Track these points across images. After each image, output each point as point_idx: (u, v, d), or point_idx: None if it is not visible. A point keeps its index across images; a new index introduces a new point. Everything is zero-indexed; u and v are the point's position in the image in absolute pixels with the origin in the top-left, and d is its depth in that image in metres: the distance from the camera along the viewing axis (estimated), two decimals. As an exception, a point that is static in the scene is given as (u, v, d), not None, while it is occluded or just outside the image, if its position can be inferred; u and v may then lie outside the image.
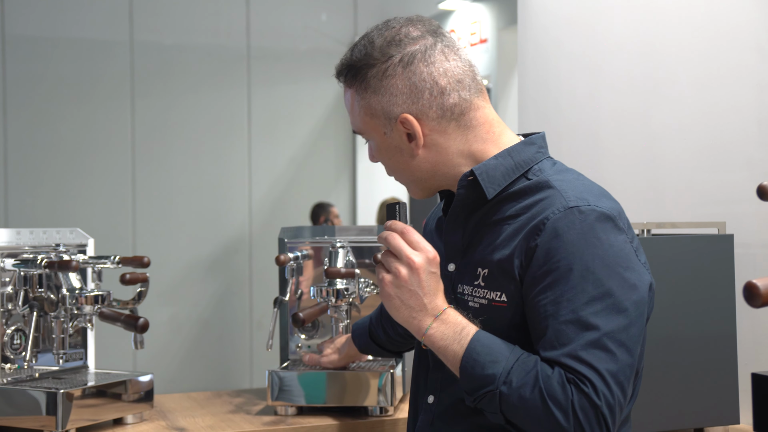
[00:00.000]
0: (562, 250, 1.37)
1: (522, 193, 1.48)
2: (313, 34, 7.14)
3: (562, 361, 1.33)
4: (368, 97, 1.53)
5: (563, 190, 1.43)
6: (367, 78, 1.52)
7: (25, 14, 6.28)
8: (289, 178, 7.02)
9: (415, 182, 1.57)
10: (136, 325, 2.00)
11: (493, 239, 1.47)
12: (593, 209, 1.39)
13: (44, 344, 2.15)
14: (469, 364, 1.37)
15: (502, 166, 1.50)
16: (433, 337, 1.41)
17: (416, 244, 1.42)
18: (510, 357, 1.36)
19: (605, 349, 1.32)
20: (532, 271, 1.39)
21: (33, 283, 2.07)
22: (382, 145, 1.55)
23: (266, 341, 2.23)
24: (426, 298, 1.41)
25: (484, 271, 1.47)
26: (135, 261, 2.11)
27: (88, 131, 6.40)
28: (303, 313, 2.14)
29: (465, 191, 1.52)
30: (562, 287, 1.35)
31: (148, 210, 6.53)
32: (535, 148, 1.54)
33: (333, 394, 2.19)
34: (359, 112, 1.55)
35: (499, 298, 1.44)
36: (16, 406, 1.99)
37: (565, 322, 1.34)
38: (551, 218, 1.39)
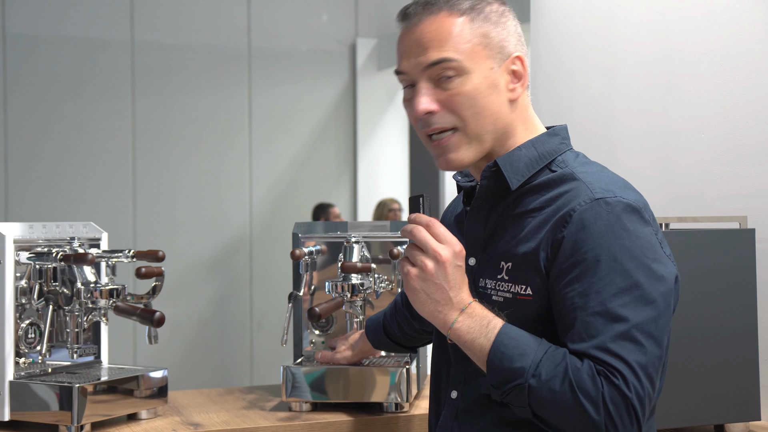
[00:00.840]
0: (589, 241, 1.36)
1: (546, 186, 1.47)
2: (314, 35, 7.13)
3: (591, 353, 1.32)
4: (487, 27, 1.48)
5: (589, 182, 1.42)
6: (485, 11, 1.48)
7: (26, 13, 6.25)
8: (289, 178, 7.00)
9: (485, 136, 1.48)
10: (152, 319, 1.98)
11: (516, 232, 1.46)
12: (620, 201, 1.38)
13: (58, 338, 2.13)
14: (497, 358, 1.36)
15: (525, 157, 1.49)
16: (459, 330, 1.40)
17: (442, 237, 1.40)
18: (538, 350, 1.35)
19: (634, 341, 1.32)
20: (559, 263, 1.39)
21: (48, 276, 2.05)
22: (482, 80, 1.46)
23: (281, 336, 2.21)
24: (452, 292, 1.40)
25: (507, 264, 1.46)
26: (150, 255, 2.10)
27: (88, 130, 6.38)
28: (319, 308, 2.13)
29: (488, 182, 1.50)
30: (590, 279, 1.35)
31: (148, 209, 6.50)
32: (559, 139, 1.53)
33: (348, 391, 2.17)
34: (469, 40, 1.46)
35: (524, 291, 1.44)
36: (31, 400, 1.97)
37: (593, 314, 1.33)
38: (578, 210, 1.38)
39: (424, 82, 1.47)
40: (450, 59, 1.45)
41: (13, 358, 2.01)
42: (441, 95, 1.47)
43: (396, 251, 2.23)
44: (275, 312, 6.77)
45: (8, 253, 2.00)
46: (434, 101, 1.47)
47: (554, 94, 2.71)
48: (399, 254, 2.23)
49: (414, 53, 1.48)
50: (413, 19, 1.49)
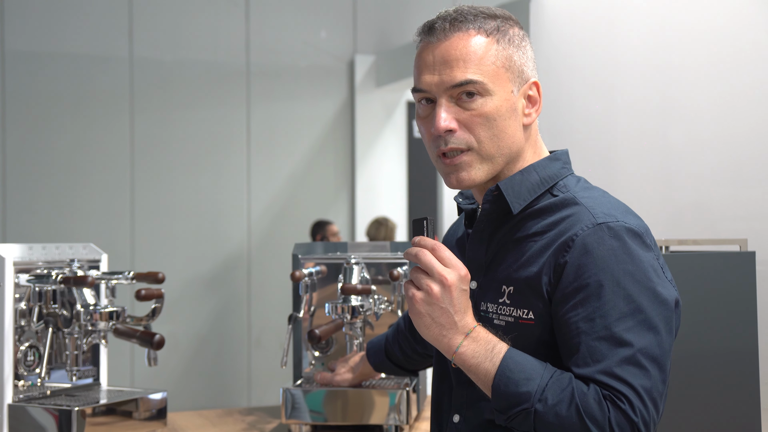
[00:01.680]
0: (592, 266, 1.36)
1: (547, 210, 1.47)
2: (313, 51, 7.14)
3: (597, 378, 1.32)
4: (511, 51, 1.48)
5: (590, 207, 1.43)
6: (509, 33, 1.48)
7: (25, 29, 6.26)
8: (287, 195, 7.00)
9: (498, 159, 1.48)
10: (152, 341, 1.97)
11: (518, 256, 1.46)
12: (622, 225, 1.39)
13: (57, 360, 2.12)
14: (503, 382, 1.36)
15: (527, 181, 1.49)
16: (464, 355, 1.39)
17: (448, 261, 1.40)
18: (544, 374, 1.35)
19: (639, 366, 1.33)
20: (562, 287, 1.39)
21: (47, 298, 2.05)
22: (503, 102, 1.46)
23: (280, 358, 2.20)
24: (457, 316, 1.39)
25: (509, 288, 1.46)
26: (150, 277, 2.09)
27: (87, 147, 6.38)
28: (319, 330, 2.12)
29: (490, 205, 1.50)
30: (594, 303, 1.35)
31: (146, 226, 6.50)
32: (560, 164, 1.53)
33: (348, 412, 2.17)
34: (494, 61, 1.46)
35: (526, 315, 1.43)
36: (30, 423, 1.96)
37: (598, 338, 1.34)
38: (580, 234, 1.39)
39: (446, 100, 1.46)
40: (475, 81, 1.44)
41: (12, 381, 2.00)
42: (461, 114, 1.46)
43: (396, 273, 2.23)
44: (273, 329, 6.75)
45: (8, 276, 2.00)
46: (454, 119, 1.46)
47: (554, 115, 2.72)
48: (399, 276, 2.23)
49: (437, 70, 1.47)
50: (439, 34, 1.48)
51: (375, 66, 7.33)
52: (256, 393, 6.79)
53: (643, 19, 2.44)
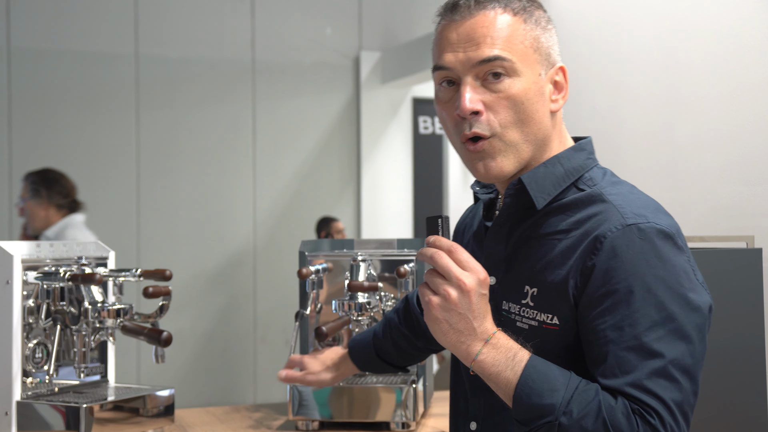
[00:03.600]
0: (621, 270, 1.29)
1: (573, 206, 1.39)
2: (318, 48, 7.14)
3: (625, 391, 1.26)
4: (538, 32, 1.40)
5: (619, 206, 1.35)
6: (535, 14, 1.41)
7: (31, 27, 6.27)
8: (293, 192, 7.01)
9: (523, 146, 1.39)
10: (160, 338, 1.98)
11: (542, 255, 1.38)
12: (652, 226, 1.31)
13: (64, 357, 2.13)
14: (525, 393, 1.28)
15: (551, 174, 1.41)
16: (483, 363, 1.31)
17: (466, 264, 1.30)
18: (569, 385, 1.28)
19: (670, 378, 1.26)
20: (589, 292, 1.31)
21: (55, 296, 2.06)
22: (530, 84, 1.38)
23: (287, 355, 2.21)
24: (476, 322, 1.30)
25: (532, 290, 1.39)
26: (157, 274, 2.10)
27: (93, 144, 6.39)
28: (326, 327, 2.13)
29: (512, 199, 1.42)
30: (623, 311, 1.28)
31: (152, 222, 6.51)
32: (585, 154, 1.45)
33: (355, 409, 2.17)
34: (522, 40, 1.38)
35: (550, 320, 1.36)
36: (38, 420, 1.97)
37: (627, 348, 1.27)
38: (609, 236, 1.31)
39: (471, 79, 1.37)
40: (504, 58, 1.36)
41: (20, 378, 2.01)
42: (487, 96, 1.37)
43: (403, 270, 2.23)
44: (279, 325, 6.76)
45: (16, 273, 2.00)
46: (480, 101, 1.37)
47: (560, 111, 2.72)
48: (406, 273, 2.23)
49: (462, 47, 1.37)
50: (463, 11, 1.39)
51: (380, 63, 7.32)
52: (262, 389, 6.80)
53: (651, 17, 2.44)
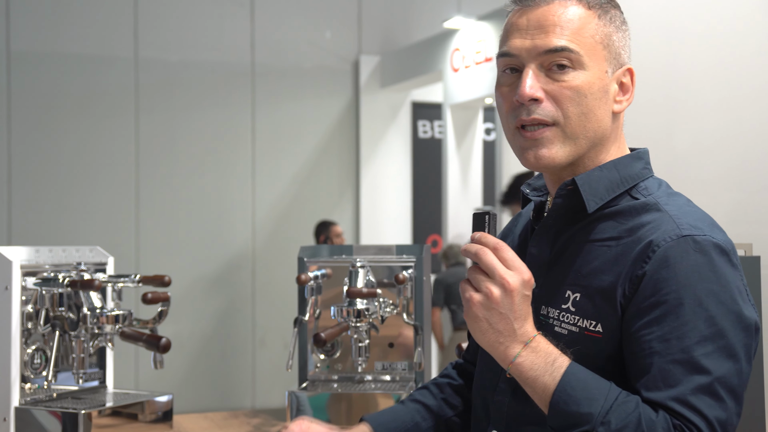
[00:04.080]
0: (672, 281, 1.25)
1: (627, 213, 1.35)
2: (317, 52, 7.15)
3: (668, 405, 1.22)
4: (611, 30, 1.37)
5: (675, 216, 1.31)
6: (610, 12, 1.38)
7: (31, 30, 6.28)
8: (292, 195, 7.01)
9: (581, 140, 1.36)
10: (159, 345, 1.98)
11: (588, 261, 1.35)
12: (708, 240, 1.28)
13: (63, 363, 2.13)
14: (562, 400, 1.24)
15: (606, 179, 1.37)
16: (521, 366, 1.27)
17: (511, 263, 1.27)
18: (609, 395, 1.24)
19: (715, 396, 1.22)
20: (637, 301, 1.27)
21: (54, 302, 2.06)
22: (596, 80, 1.35)
23: (286, 361, 2.21)
24: (516, 323, 1.27)
25: (575, 295, 1.34)
26: (156, 280, 2.10)
27: (92, 147, 6.40)
28: (324, 334, 2.13)
29: (563, 200, 1.38)
30: (672, 323, 1.24)
31: (151, 226, 6.51)
32: (642, 163, 1.41)
33: (353, 415, 2.17)
34: (593, 34, 1.35)
35: (593, 327, 1.32)
36: (36, 426, 1.97)
37: (673, 361, 1.23)
38: (662, 246, 1.27)
39: (535, 67, 1.35)
40: (571, 49, 1.33)
41: (18, 384, 2.01)
42: (550, 85, 1.34)
43: (401, 276, 2.23)
44: (278, 328, 6.77)
45: (15, 279, 2.00)
46: (541, 89, 1.34)
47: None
48: (405, 279, 2.23)
49: (530, 34, 1.35)
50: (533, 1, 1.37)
51: (380, 66, 7.33)
52: (261, 393, 6.80)
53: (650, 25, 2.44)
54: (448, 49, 6.50)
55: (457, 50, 6.40)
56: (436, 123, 7.62)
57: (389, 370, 2.33)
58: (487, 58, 6.05)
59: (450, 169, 6.61)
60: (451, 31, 6.48)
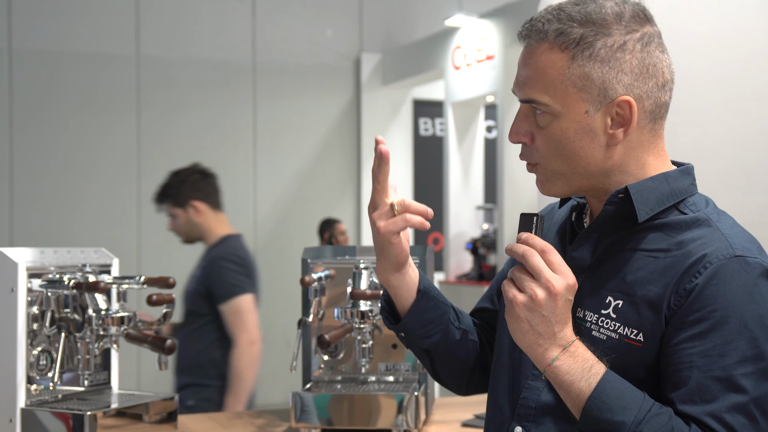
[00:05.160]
0: (720, 299, 1.26)
1: (677, 227, 1.36)
2: (319, 49, 7.15)
3: (702, 420, 1.23)
4: (589, 66, 1.33)
5: (728, 235, 1.32)
6: (595, 45, 1.33)
7: (33, 28, 6.28)
8: (293, 193, 7.02)
9: (571, 176, 1.38)
10: (163, 347, 1.99)
11: (635, 269, 1.35)
12: (759, 263, 1.29)
13: (68, 364, 2.14)
14: (596, 406, 1.26)
15: (657, 191, 1.37)
16: (558, 369, 1.28)
17: (557, 266, 1.28)
18: (642, 406, 1.25)
19: (750, 416, 1.24)
20: (683, 314, 1.28)
21: (59, 303, 2.07)
22: (572, 123, 1.35)
23: (289, 362, 2.22)
24: (557, 327, 1.28)
25: (617, 302, 1.35)
26: (161, 282, 2.11)
27: (93, 145, 6.40)
28: (328, 335, 2.14)
29: (614, 208, 1.38)
30: (715, 339, 1.25)
31: (152, 224, 6.51)
32: (690, 179, 1.42)
33: (357, 416, 2.18)
34: (563, 80, 1.34)
35: (634, 336, 1.32)
36: (42, 427, 1.98)
37: (712, 378, 1.25)
38: (714, 262, 1.28)
39: (524, 107, 1.39)
40: (538, 102, 1.35)
41: (24, 385, 2.02)
42: (534, 128, 1.38)
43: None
44: (280, 327, 6.78)
45: (20, 281, 2.01)
46: (527, 133, 1.38)
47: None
48: (408, 281, 2.24)
49: (517, 79, 1.40)
50: (521, 39, 1.40)
51: (381, 64, 7.34)
52: (263, 391, 6.80)
53: (652, 26, 2.45)
54: (449, 46, 6.50)
55: (458, 48, 6.40)
56: (438, 121, 7.63)
57: (393, 371, 2.34)
58: (488, 56, 6.05)
59: (451, 166, 6.61)
60: (453, 28, 6.49)
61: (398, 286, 1.50)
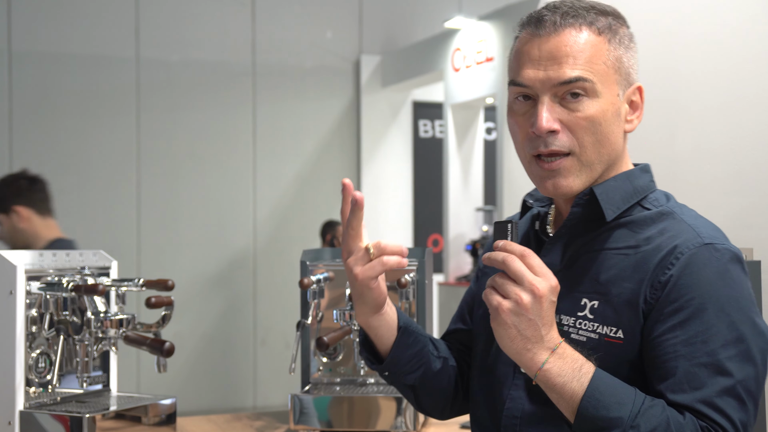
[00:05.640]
0: (696, 287, 1.29)
1: (642, 223, 1.39)
2: (318, 51, 7.15)
3: (695, 407, 1.25)
4: (621, 52, 1.39)
5: (694, 225, 1.35)
6: (619, 33, 1.39)
7: (32, 30, 6.28)
8: (293, 195, 7.02)
9: (597, 166, 1.39)
10: (162, 349, 1.99)
11: (606, 268, 1.37)
12: (728, 249, 1.33)
13: (67, 366, 2.14)
14: (591, 404, 1.25)
15: (621, 189, 1.41)
16: (549, 372, 1.28)
17: (538, 269, 1.28)
18: (636, 399, 1.26)
19: (738, 398, 1.26)
20: (661, 306, 1.30)
21: (58, 306, 2.07)
22: (609, 105, 1.37)
23: (288, 363, 2.22)
24: (544, 329, 1.27)
25: (592, 303, 1.36)
26: (159, 284, 2.11)
27: (93, 147, 6.40)
28: (327, 338, 2.14)
29: (581, 210, 1.41)
30: (696, 327, 1.27)
31: (152, 226, 6.52)
32: (649, 176, 1.46)
33: (356, 418, 2.18)
34: (605, 61, 1.36)
35: (614, 334, 1.34)
36: (41, 430, 1.98)
37: (698, 364, 1.26)
38: (686, 252, 1.31)
39: (549, 98, 1.36)
40: (585, 79, 1.35)
41: (23, 388, 2.02)
42: (565, 115, 1.36)
43: (404, 280, 2.24)
44: (279, 328, 6.78)
45: (19, 283, 2.01)
46: (557, 120, 1.36)
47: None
48: (407, 283, 2.25)
49: (543, 65, 1.36)
50: (548, 27, 1.37)
51: (381, 66, 7.34)
52: (262, 392, 6.81)
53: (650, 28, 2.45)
54: (449, 48, 6.51)
55: (458, 50, 6.40)
56: (437, 122, 7.63)
57: (391, 373, 2.34)
58: (488, 58, 6.05)
59: (451, 168, 6.61)
60: (452, 30, 6.49)
61: (378, 327, 1.48)
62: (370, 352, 1.53)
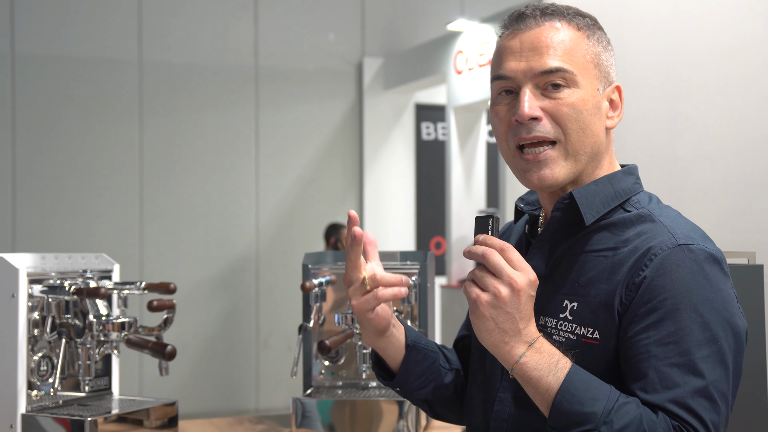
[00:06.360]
0: (669, 288, 1.30)
1: (621, 225, 1.40)
2: (321, 54, 7.16)
3: (667, 407, 1.26)
4: (599, 50, 1.43)
5: (670, 227, 1.36)
6: (597, 34, 1.44)
7: (35, 33, 6.29)
8: (296, 198, 7.02)
9: (581, 156, 1.41)
10: (164, 352, 1.99)
11: (585, 271, 1.39)
12: (702, 249, 1.33)
13: (69, 369, 2.14)
14: (566, 399, 1.27)
15: (601, 193, 1.42)
16: (525, 366, 1.29)
17: (517, 263, 1.29)
18: (611, 396, 1.28)
19: (710, 399, 1.27)
20: (635, 307, 1.32)
21: (60, 309, 2.07)
22: (589, 98, 1.40)
23: (290, 366, 2.22)
24: (521, 323, 1.29)
25: (572, 304, 1.39)
26: (161, 287, 2.11)
27: (96, 150, 6.41)
28: (329, 341, 2.14)
29: (561, 214, 1.43)
30: (669, 327, 1.29)
31: (155, 229, 6.53)
32: (633, 178, 1.47)
33: (358, 421, 2.18)
34: (584, 54, 1.41)
35: (590, 334, 1.36)
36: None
37: (670, 365, 1.28)
38: (659, 254, 1.33)
39: (531, 88, 1.39)
40: (566, 69, 1.38)
41: (25, 391, 2.02)
42: (547, 104, 1.39)
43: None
44: (281, 330, 6.78)
45: (21, 287, 2.01)
46: (539, 108, 1.39)
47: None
48: (409, 286, 2.25)
49: (525, 56, 1.40)
50: (529, 21, 1.42)
51: (383, 68, 7.34)
52: (264, 394, 6.81)
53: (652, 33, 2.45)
54: (451, 51, 6.51)
55: (460, 52, 6.40)
56: (440, 125, 7.63)
57: (393, 376, 2.34)
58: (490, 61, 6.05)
59: (453, 170, 6.62)
60: (455, 33, 6.49)
61: (385, 347, 1.50)
62: (381, 368, 1.56)
